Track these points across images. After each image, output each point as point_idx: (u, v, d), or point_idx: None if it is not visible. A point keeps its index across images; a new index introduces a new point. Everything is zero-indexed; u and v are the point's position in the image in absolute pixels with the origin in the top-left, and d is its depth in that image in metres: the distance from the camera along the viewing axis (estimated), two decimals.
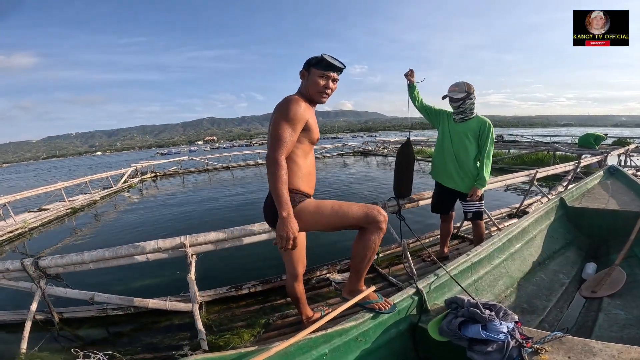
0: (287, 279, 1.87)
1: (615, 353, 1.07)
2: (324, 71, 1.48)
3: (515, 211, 4.30)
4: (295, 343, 1.21)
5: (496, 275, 2.06)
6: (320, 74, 1.49)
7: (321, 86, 1.50)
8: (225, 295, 2.54)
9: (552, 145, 10.77)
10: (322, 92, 1.52)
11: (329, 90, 1.54)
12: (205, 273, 2.75)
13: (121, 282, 3.19)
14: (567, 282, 2.25)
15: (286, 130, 1.42)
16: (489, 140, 2.43)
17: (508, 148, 12.47)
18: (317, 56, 1.49)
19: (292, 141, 1.44)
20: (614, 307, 1.86)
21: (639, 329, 1.64)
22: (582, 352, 1.11)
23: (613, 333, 1.64)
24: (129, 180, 11.51)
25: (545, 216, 2.76)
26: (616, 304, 1.90)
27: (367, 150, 17.98)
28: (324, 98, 1.55)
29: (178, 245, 2.18)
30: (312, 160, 1.64)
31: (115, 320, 2.44)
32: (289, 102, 1.45)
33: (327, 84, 1.51)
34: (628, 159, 8.50)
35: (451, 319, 1.35)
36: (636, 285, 2.04)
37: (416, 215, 4.32)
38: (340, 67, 1.51)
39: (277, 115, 1.45)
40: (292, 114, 1.42)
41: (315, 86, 1.50)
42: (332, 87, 1.55)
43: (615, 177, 3.67)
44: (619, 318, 1.76)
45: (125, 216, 6.74)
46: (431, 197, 2.84)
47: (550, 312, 1.92)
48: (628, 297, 1.94)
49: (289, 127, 1.42)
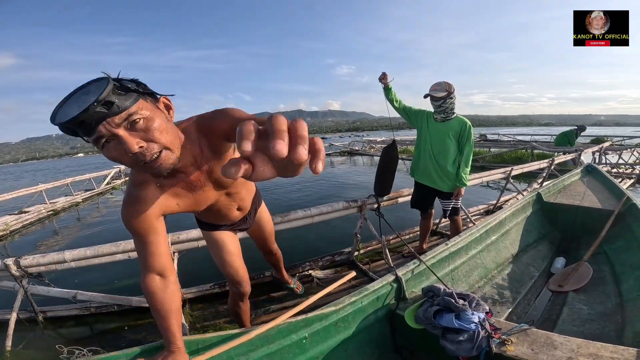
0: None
1: (575, 347, 1.14)
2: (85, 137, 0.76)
3: (492, 208, 4.44)
4: (275, 326, 1.24)
5: (472, 266, 2.13)
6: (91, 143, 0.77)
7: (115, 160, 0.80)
8: (208, 292, 2.57)
9: (530, 144, 11.06)
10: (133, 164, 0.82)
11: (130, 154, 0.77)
12: (189, 270, 2.77)
13: (105, 280, 3.19)
14: (536, 275, 2.34)
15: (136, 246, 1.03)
16: (470, 140, 2.50)
17: (489, 147, 12.78)
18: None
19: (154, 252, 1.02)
20: (578, 302, 1.95)
21: (599, 324, 1.71)
22: (545, 345, 1.18)
23: (575, 327, 1.72)
24: (112, 181, 11.28)
25: (522, 210, 2.85)
26: (580, 298, 1.98)
27: (354, 150, 18.07)
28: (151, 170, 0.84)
29: None
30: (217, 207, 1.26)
31: (99, 318, 2.45)
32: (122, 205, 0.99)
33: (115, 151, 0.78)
34: (603, 157, 8.82)
35: (427, 307, 1.41)
36: (601, 282, 2.14)
37: (396, 212, 4.42)
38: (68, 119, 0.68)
39: None
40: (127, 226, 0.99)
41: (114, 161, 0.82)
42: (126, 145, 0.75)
43: (592, 176, 3.80)
44: (581, 313, 1.84)
45: (108, 217, 6.62)
46: (410, 194, 2.92)
47: (519, 304, 2.01)
48: (592, 292, 2.03)
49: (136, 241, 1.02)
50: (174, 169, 0.91)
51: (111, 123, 0.73)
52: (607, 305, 1.87)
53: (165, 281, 1.05)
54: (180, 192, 1.03)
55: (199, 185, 1.05)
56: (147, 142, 0.80)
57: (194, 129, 0.98)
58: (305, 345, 1.31)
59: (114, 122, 0.74)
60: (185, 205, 1.06)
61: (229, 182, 1.14)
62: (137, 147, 0.77)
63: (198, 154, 0.99)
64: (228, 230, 1.51)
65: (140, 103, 0.78)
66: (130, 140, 0.76)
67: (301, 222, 2.59)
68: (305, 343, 1.31)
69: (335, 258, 3.01)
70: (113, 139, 0.76)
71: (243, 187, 1.35)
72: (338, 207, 2.70)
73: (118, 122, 0.74)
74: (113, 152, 0.78)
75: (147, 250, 1.01)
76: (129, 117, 0.75)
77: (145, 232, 0.99)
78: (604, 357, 1.08)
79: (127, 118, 0.75)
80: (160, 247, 1.03)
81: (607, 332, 1.63)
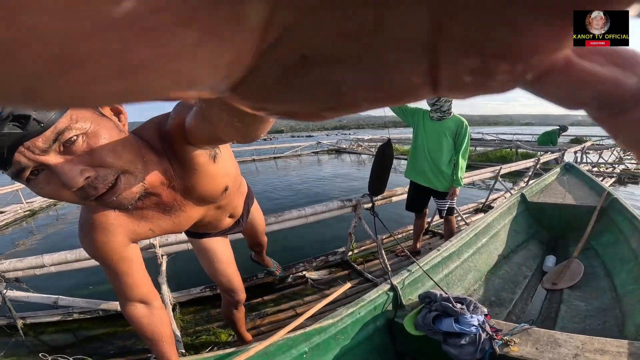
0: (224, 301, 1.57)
1: (579, 344, 1.15)
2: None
3: (481, 206, 4.50)
4: (274, 342, 1.21)
5: (465, 269, 2.14)
6: None
7: (51, 197, 0.58)
8: (200, 296, 2.49)
9: (514, 143, 11.34)
10: (82, 201, 0.59)
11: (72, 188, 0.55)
12: (179, 273, 2.68)
13: (88, 285, 3.05)
14: (530, 275, 2.38)
15: (107, 275, 0.84)
16: (466, 140, 2.50)
17: (475, 146, 13.02)
18: None
19: (130, 284, 0.85)
20: (574, 299, 1.98)
21: (599, 319, 1.74)
22: (548, 343, 1.18)
23: (575, 324, 1.74)
24: None
25: (507, 211, 2.90)
26: (576, 295, 2.02)
27: (341, 149, 18.10)
28: (111, 203, 0.61)
29: (147, 246, 2.11)
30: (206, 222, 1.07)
31: (83, 324, 2.33)
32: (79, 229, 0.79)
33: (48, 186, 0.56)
34: (584, 156, 9.11)
35: (425, 314, 1.40)
36: (594, 277, 2.18)
37: (390, 211, 4.43)
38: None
39: None
40: (89, 254, 0.82)
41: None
42: (61, 176, 0.53)
43: (571, 173, 3.91)
44: (579, 309, 1.87)
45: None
46: (404, 193, 2.92)
47: (516, 305, 2.03)
48: (587, 288, 2.07)
49: (105, 270, 0.83)
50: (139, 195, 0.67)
51: (32, 149, 0.50)
52: (603, 300, 1.91)
53: (149, 308, 0.91)
54: (152, 215, 0.80)
55: (175, 207, 0.81)
56: (94, 167, 0.56)
57: (156, 135, 0.72)
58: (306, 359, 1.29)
59: (36, 146, 0.50)
60: (162, 229, 0.84)
61: (215, 197, 0.90)
62: (81, 179, 0.54)
63: (167, 169, 0.73)
64: (219, 236, 1.40)
65: (72, 112, 0.52)
66: (69, 169, 0.53)
67: (295, 222, 2.54)
68: (306, 358, 1.28)
69: (329, 258, 2.97)
70: (42, 169, 0.54)
71: (235, 194, 1.13)
72: (333, 206, 2.67)
73: (43, 147, 0.51)
74: (46, 187, 0.55)
75: (121, 281, 0.83)
76: (59, 136, 0.52)
77: (113, 263, 0.79)
78: (611, 352, 1.09)
79: (56, 138, 0.52)
80: (136, 277, 0.84)
81: (609, 327, 1.66)
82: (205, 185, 0.81)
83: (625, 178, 7.67)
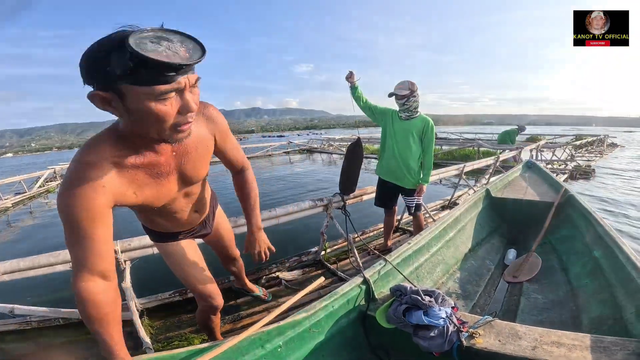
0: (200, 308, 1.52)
1: (538, 336, 1.21)
2: (154, 86, 0.70)
3: (447, 203, 4.67)
4: (247, 337, 1.19)
5: (434, 263, 2.20)
6: (149, 92, 0.70)
7: (161, 115, 0.74)
8: (169, 301, 2.40)
9: (476, 142, 11.86)
10: (170, 125, 0.78)
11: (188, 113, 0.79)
12: (146, 278, 2.58)
13: (48, 292, 2.89)
14: (492, 268, 2.48)
15: (71, 241, 0.81)
16: (433, 139, 2.59)
17: (441, 145, 13.49)
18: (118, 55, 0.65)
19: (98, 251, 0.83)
20: (532, 292, 2.08)
21: (555, 312, 1.83)
22: (510, 336, 1.23)
23: (534, 316, 1.83)
24: (46, 184, 10.18)
25: (474, 205, 3.00)
26: (534, 288, 2.12)
27: (312, 148, 18.11)
28: (179, 134, 0.82)
29: None
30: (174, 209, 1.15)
31: (44, 332, 2.18)
32: (60, 194, 0.79)
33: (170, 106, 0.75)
34: (539, 154, 9.69)
35: (396, 306, 1.43)
36: (550, 271, 2.29)
37: (361, 210, 4.48)
38: (185, 62, 0.70)
39: None
40: (66, 212, 0.79)
41: (148, 118, 0.75)
42: (189, 103, 0.77)
43: (532, 171, 4.11)
44: (537, 302, 1.97)
45: (44, 223, 6.00)
46: (374, 192, 2.96)
47: (480, 297, 2.11)
48: (544, 282, 2.18)
49: (73, 234, 0.81)
50: (154, 144, 0.89)
51: (190, 79, 0.76)
52: (558, 293, 2.01)
53: (107, 285, 0.86)
54: (141, 178, 0.89)
55: (164, 172, 0.94)
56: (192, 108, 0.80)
57: (201, 111, 1.03)
58: (280, 354, 1.27)
59: (193, 78, 0.77)
60: (144, 196, 0.92)
61: (194, 178, 1.06)
62: (195, 110, 0.80)
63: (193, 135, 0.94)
64: (187, 239, 1.38)
65: None
66: (195, 100, 0.80)
67: (266, 223, 2.51)
68: (280, 352, 1.27)
69: (302, 258, 2.96)
70: (176, 94, 0.75)
71: (203, 187, 1.25)
72: (304, 206, 2.66)
73: (192, 81, 0.77)
74: (168, 107, 0.75)
75: (89, 247, 0.80)
76: (198, 79, 0.79)
77: (90, 222, 0.79)
78: (566, 344, 1.16)
79: (197, 79, 0.79)
80: (103, 247, 0.83)
81: (564, 319, 1.75)
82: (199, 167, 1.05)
83: (577, 174, 8.25)
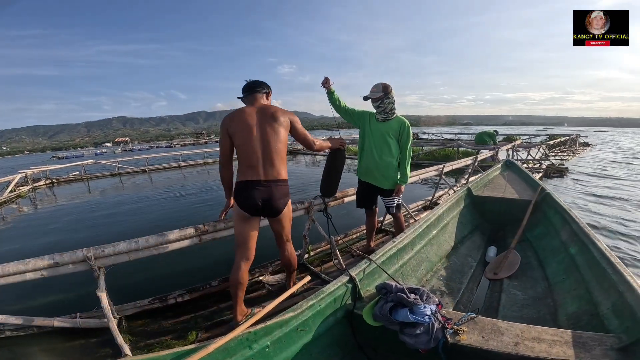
0: (236, 265, 1.91)
1: (519, 332, 1.23)
2: None
3: (428, 203, 4.73)
4: (234, 338, 1.17)
5: (418, 260, 2.22)
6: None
7: None
8: (149, 308, 2.31)
9: (456, 142, 12.14)
10: None
11: None
12: (124, 285, 2.49)
13: (20, 300, 2.77)
14: (474, 265, 2.51)
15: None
16: (409, 139, 2.60)
17: (422, 145, 13.72)
18: None
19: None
20: (512, 288, 2.11)
21: (534, 308, 1.87)
22: (492, 332, 1.25)
23: (514, 312, 1.86)
24: (17, 189, 9.75)
25: (456, 204, 3.05)
26: (514, 285, 2.15)
27: (296, 150, 18.06)
28: None
29: (80, 259, 1.90)
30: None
31: (18, 341, 2.07)
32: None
33: None
34: (515, 153, 10.01)
35: (382, 305, 1.43)
36: (529, 267, 2.33)
37: (343, 212, 4.48)
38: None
39: (295, 118, 2.00)
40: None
41: None
42: None
43: (511, 170, 4.24)
44: (517, 298, 2.00)
45: (15, 230, 5.72)
46: (355, 194, 2.96)
47: (463, 294, 2.13)
48: (523, 278, 2.22)
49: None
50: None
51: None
52: (537, 289, 2.06)
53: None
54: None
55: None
56: None
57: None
58: (268, 353, 1.25)
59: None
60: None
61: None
62: None
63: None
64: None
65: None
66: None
67: None
68: (268, 352, 1.25)
69: None
70: None
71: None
72: None
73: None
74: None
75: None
76: None
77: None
78: (546, 340, 1.18)
79: None
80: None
81: (543, 315, 1.79)
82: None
83: (551, 172, 8.57)
